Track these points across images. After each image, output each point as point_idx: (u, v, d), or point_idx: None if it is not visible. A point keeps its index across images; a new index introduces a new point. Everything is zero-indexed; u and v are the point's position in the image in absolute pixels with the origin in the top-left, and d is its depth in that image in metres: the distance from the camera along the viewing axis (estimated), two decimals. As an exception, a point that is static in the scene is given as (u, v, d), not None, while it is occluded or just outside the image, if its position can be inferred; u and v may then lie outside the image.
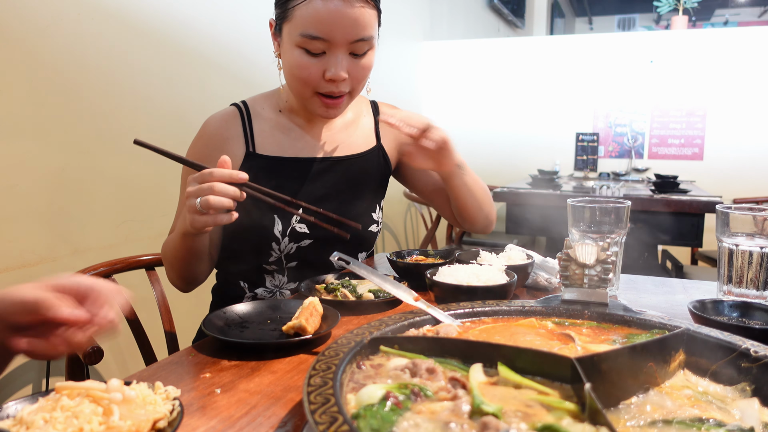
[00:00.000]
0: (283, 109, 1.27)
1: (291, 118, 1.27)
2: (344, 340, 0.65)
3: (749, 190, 3.78)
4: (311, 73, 1.10)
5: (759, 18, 12.02)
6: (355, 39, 1.09)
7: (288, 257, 1.24)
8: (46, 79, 1.59)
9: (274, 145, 1.24)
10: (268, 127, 1.25)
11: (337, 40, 1.07)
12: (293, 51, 1.10)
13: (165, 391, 0.60)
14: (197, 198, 0.94)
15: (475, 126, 4.45)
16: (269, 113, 1.26)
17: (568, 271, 0.85)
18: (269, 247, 1.21)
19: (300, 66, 1.10)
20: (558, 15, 10.08)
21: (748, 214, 1.03)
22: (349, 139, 1.32)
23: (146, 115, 1.91)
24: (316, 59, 1.10)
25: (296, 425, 0.61)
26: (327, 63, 1.10)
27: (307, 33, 1.07)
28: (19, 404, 0.56)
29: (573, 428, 0.48)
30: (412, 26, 4.31)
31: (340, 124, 1.32)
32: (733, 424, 0.51)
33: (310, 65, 1.10)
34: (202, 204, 0.93)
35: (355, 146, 1.33)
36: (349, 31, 1.07)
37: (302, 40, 1.08)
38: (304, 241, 1.23)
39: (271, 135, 1.25)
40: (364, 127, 1.36)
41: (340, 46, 1.08)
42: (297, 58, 1.10)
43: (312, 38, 1.07)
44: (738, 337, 0.66)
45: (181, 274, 1.17)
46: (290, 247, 1.23)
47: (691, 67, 3.94)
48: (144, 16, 1.89)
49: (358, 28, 1.08)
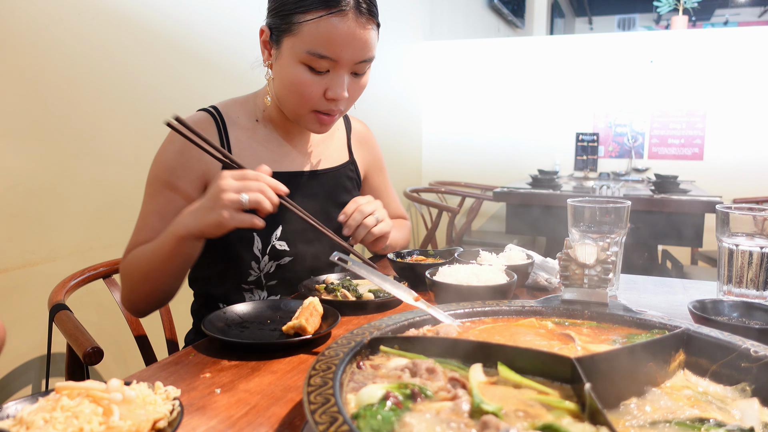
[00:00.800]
0: (261, 118, 1.22)
1: (269, 130, 1.23)
2: (344, 340, 0.64)
3: (749, 190, 3.78)
4: (312, 91, 1.08)
5: (759, 18, 12.02)
6: (361, 60, 1.08)
7: (267, 276, 1.19)
8: (46, 79, 1.58)
9: (251, 156, 1.19)
10: (245, 138, 1.20)
11: (345, 61, 1.06)
12: (295, 67, 1.07)
13: (165, 391, 0.60)
14: (241, 194, 0.91)
15: (475, 126, 4.45)
16: (245, 122, 1.21)
17: (568, 271, 0.85)
18: (248, 266, 1.17)
19: (302, 83, 1.07)
20: (558, 15, 10.08)
21: (748, 214, 1.03)
22: (326, 152, 1.31)
23: (146, 114, 1.91)
24: (319, 77, 1.07)
25: (296, 425, 0.61)
26: (330, 82, 1.08)
27: (315, 51, 1.04)
28: (19, 404, 0.56)
29: (573, 428, 0.48)
30: (412, 26, 4.31)
31: (318, 137, 1.30)
32: (733, 424, 0.51)
33: (313, 83, 1.07)
34: (251, 201, 0.91)
35: (331, 159, 1.31)
36: (357, 52, 1.06)
37: (308, 57, 1.05)
38: (284, 259, 1.19)
39: (249, 146, 1.19)
40: (338, 141, 1.35)
41: (346, 66, 1.07)
42: (299, 75, 1.07)
43: (320, 57, 1.04)
44: (738, 337, 0.66)
45: (158, 287, 1.05)
46: (270, 266, 1.18)
47: (691, 67, 3.94)
48: (144, 17, 1.89)
49: (366, 49, 1.07)
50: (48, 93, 1.60)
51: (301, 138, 1.27)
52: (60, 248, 1.65)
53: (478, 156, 4.44)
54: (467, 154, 4.49)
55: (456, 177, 4.43)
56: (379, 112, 3.59)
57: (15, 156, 1.52)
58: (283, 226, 1.18)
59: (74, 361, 1.18)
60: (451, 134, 4.53)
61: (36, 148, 1.57)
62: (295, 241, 1.19)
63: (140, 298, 1.08)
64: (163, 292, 1.07)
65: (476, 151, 4.45)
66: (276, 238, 1.18)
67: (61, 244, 1.66)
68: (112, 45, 1.77)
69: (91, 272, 1.34)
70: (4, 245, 1.50)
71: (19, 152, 1.52)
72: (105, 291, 1.39)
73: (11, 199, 1.51)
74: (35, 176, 1.57)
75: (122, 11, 1.81)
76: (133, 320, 1.34)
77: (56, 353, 1.62)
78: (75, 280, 1.31)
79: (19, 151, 1.52)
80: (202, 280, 1.25)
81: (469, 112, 4.47)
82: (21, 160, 1.53)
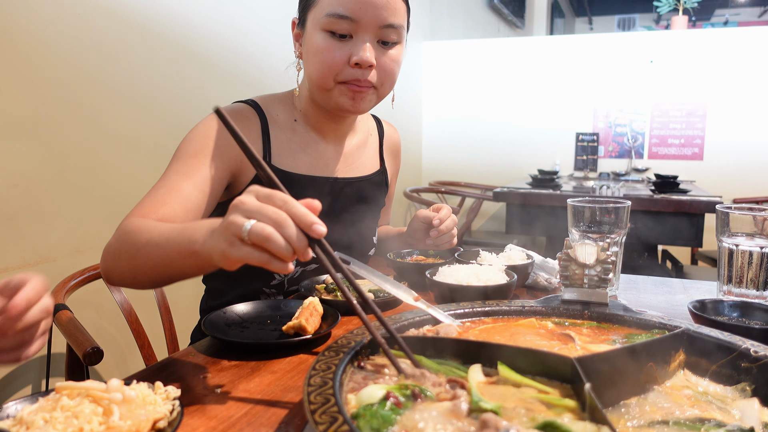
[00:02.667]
0: (299, 117, 1.19)
1: (307, 131, 1.20)
2: (344, 340, 0.65)
3: (749, 190, 3.78)
4: (335, 57, 1.03)
5: (759, 18, 12.02)
6: (385, 24, 1.03)
7: (291, 281, 1.18)
8: (46, 79, 1.58)
9: (289, 158, 1.15)
10: (285, 138, 1.16)
11: (366, 22, 1.02)
12: (317, 35, 1.04)
13: (165, 391, 0.60)
14: (248, 220, 0.62)
15: (476, 126, 4.45)
16: (285, 121, 1.17)
17: (568, 271, 0.85)
18: None
19: (324, 49, 1.03)
20: (558, 15, 10.08)
21: (748, 214, 1.02)
22: (359, 159, 1.29)
23: (146, 114, 1.91)
24: (342, 42, 1.03)
25: (296, 425, 0.61)
26: (354, 47, 1.03)
27: (334, 12, 1.01)
28: (19, 404, 0.56)
29: (574, 425, 0.48)
30: (412, 26, 4.30)
31: (354, 143, 1.28)
32: (733, 424, 0.51)
33: (336, 48, 1.03)
34: (254, 233, 0.61)
35: (363, 168, 1.29)
36: (379, 13, 1.02)
37: (328, 20, 1.02)
38: (311, 265, 1.18)
39: (288, 147, 1.16)
40: (371, 148, 1.33)
41: (369, 29, 1.03)
42: (322, 42, 1.03)
43: (339, 17, 1.01)
44: (738, 337, 0.66)
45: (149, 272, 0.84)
46: (296, 271, 1.17)
47: (691, 67, 3.94)
48: (145, 16, 1.89)
49: (388, 11, 1.03)
50: (48, 93, 1.60)
51: (337, 141, 1.24)
52: (60, 248, 1.65)
53: (478, 156, 4.44)
54: (467, 154, 4.49)
55: (456, 177, 4.43)
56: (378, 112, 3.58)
57: (15, 156, 1.52)
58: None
59: (74, 361, 1.18)
60: (451, 134, 4.53)
61: (36, 148, 1.57)
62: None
63: (126, 268, 0.88)
64: (151, 279, 0.87)
65: (476, 151, 4.45)
66: None
67: (61, 244, 1.66)
68: (112, 45, 1.77)
69: (91, 272, 1.34)
70: (4, 245, 1.50)
71: (19, 152, 1.52)
72: (105, 291, 1.39)
73: (11, 199, 1.51)
74: (35, 176, 1.57)
75: (122, 11, 1.81)
76: (133, 320, 1.34)
77: (56, 353, 1.63)
78: (75, 280, 1.31)
79: (19, 151, 1.52)
80: (223, 277, 1.21)
81: (469, 112, 4.47)
82: (21, 160, 1.53)
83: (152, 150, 1.90)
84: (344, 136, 1.25)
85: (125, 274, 0.89)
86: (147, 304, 1.49)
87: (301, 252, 0.62)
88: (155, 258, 0.81)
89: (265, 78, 2.44)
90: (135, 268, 0.86)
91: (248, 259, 0.63)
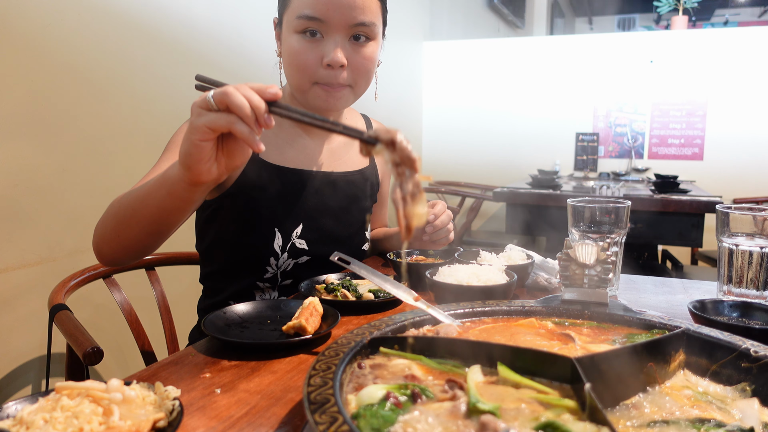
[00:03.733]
0: None
1: (293, 126, 1.23)
2: (344, 340, 0.64)
3: (749, 190, 3.78)
4: (308, 59, 1.06)
5: (759, 18, 12.02)
6: (355, 23, 1.05)
7: (284, 274, 1.19)
8: (45, 79, 1.58)
9: (276, 152, 1.18)
10: (272, 132, 1.19)
11: (336, 22, 1.04)
12: (291, 37, 1.07)
13: (165, 391, 0.60)
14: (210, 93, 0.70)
15: (475, 126, 4.45)
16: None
17: (568, 271, 0.85)
18: (267, 262, 1.16)
19: (298, 52, 1.06)
20: (558, 15, 10.08)
21: (748, 214, 1.02)
22: (347, 154, 1.30)
23: (146, 114, 1.91)
24: (314, 44, 1.06)
25: (296, 425, 0.61)
26: (325, 47, 1.06)
27: (303, 14, 1.04)
28: (19, 404, 0.56)
29: (574, 426, 0.48)
30: (412, 26, 4.31)
31: (341, 138, 1.29)
32: (733, 425, 0.51)
33: (308, 50, 1.06)
34: (216, 93, 0.69)
35: (352, 162, 1.31)
36: (348, 12, 1.04)
37: (299, 22, 1.04)
38: (301, 258, 1.19)
39: (275, 140, 1.19)
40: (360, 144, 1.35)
41: (339, 29, 1.05)
42: (295, 44, 1.06)
43: (309, 19, 1.03)
44: (738, 337, 0.66)
45: (137, 226, 0.89)
46: (288, 264, 1.18)
47: (691, 67, 3.94)
48: (144, 16, 1.89)
49: (357, 10, 1.04)
50: (48, 93, 1.60)
51: (324, 137, 1.26)
52: (60, 248, 1.65)
53: (478, 156, 4.44)
54: (467, 154, 4.49)
55: (456, 177, 4.43)
56: (378, 112, 3.58)
57: (15, 156, 1.52)
58: (304, 224, 1.18)
59: (74, 361, 1.18)
60: (450, 134, 4.53)
61: (36, 148, 1.57)
62: (314, 242, 1.19)
63: (111, 232, 0.92)
64: (136, 234, 0.91)
65: (476, 151, 4.45)
66: (296, 235, 1.18)
67: (61, 244, 1.66)
68: (112, 45, 1.78)
69: (91, 272, 1.34)
70: (4, 245, 1.50)
71: (19, 152, 1.52)
72: (105, 291, 1.39)
73: (11, 199, 1.51)
74: (35, 176, 1.57)
75: (122, 11, 1.81)
76: (133, 320, 1.34)
77: (56, 353, 1.63)
78: (75, 280, 1.31)
79: (19, 151, 1.52)
80: (219, 274, 1.22)
81: (469, 112, 4.47)
82: (21, 160, 1.53)
83: (152, 149, 1.90)
84: (330, 133, 1.27)
85: (112, 241, 0.94)
86: (147, 304, 1.49)
87: (260, 110, 0.70)
88: (133, 204, 0.88)
89: (260, 73, 2.44)
90: (117, 227, 0.91)
91: (215, 123, 0.70)
